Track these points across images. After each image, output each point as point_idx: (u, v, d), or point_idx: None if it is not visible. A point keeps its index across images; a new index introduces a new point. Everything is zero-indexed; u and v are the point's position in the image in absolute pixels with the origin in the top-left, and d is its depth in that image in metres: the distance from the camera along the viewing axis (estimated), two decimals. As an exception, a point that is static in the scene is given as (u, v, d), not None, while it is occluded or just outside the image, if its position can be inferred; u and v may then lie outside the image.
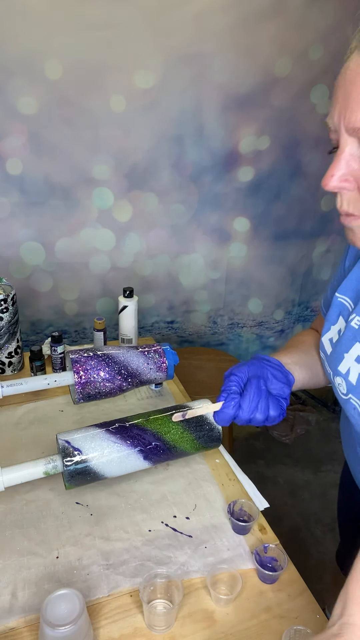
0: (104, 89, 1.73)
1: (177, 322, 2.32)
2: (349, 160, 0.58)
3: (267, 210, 2.14)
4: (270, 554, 0.85)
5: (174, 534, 0.91)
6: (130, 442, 0.90)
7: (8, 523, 0.92)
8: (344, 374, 0.72)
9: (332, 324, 0.78)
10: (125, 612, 0.78)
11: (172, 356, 1.10)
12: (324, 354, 0.79)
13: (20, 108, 1.70)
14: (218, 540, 0.90)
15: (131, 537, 0.90)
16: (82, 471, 0.87)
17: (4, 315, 1.28)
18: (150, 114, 1.81)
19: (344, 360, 0.72)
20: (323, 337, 0.80)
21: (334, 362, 0.75)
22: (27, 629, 0.75)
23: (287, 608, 0.80)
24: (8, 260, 1.95)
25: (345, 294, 0.77)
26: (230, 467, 1.07)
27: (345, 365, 0.72)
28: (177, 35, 1.70)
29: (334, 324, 0.78)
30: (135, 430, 0.91)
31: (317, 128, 2.02)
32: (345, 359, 0.72)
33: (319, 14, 1.78)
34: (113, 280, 2.10)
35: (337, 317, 0.78)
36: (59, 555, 0.86)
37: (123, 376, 1.05)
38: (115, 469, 0.90)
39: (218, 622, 0.77)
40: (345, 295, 0.77)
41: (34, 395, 1.27)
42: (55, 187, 1.86)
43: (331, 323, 0.79)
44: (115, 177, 1.90)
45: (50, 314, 2.11)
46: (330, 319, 0.79)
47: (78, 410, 1.24)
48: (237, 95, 1.86)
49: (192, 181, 1.99)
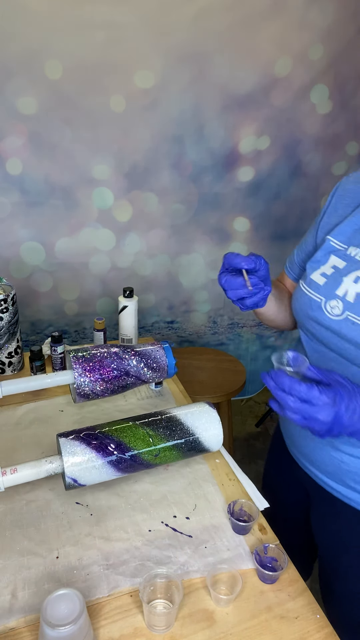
0: (104, 89, 1.73)
1: (177, 322, 2.32)
2: None
3: (267, 210, 2.14)
4: (270, 554, 0.85)
5: (174, 534, 0.91)
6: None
7: (8, 523, 0.92)
8: (341, 296, 0.85)
9: (322, 264, 0.91)
10: (125, 612, 0.78)
11: (172, 354, 1.11)
12: (314, 287, 0.90)
13: (20, 108, 1.70)
14: (218, 540, 0.90)
15: (131, 537, 0.90)
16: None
17: (4, 315, 1.28)
18: (150, 114, 1.81)
19: (342, 284, 0.85)
20: (312, 275, 0.92)
21: (330, 288, 0.87)
22: (27, 629, 0.75)
23: (287, 608, 0.80)
24: (8, 260, 1.95)
25: (336, 238, 0.91)
26: (230, 467, 1.07)
27: (343, 288, 0.85)
28: (177, 35, 1.70)
29: (324, 263, 0.91)
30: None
31: (317, 128, 2.02)
32: (344, 282, 0.85)
33: (319, 14, 1.78)
34: (113, 280, 2.10)
35: (327, 256, 0.91)
36: (59, 555, 0.86)
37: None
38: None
39: (218, 622, 0.77)
40: (336, 239, 0.91)
41: (34, 395, 1.27)
42: (55, 187, 1.86)
43: (321, 263, 0.91)
44: (115, 177, 1.90)
45: (50, 314, 2.11)
46: (320, 260, 0.92)
47: (78, 410, 1.24)
48: (237, 95, 1.86)
49: (192, 181, 1.99)
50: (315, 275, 0.91)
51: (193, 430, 0.97)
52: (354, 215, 0.90)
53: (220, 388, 1.94)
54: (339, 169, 2.14)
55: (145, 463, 0.94)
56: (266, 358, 2.52)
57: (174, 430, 0.96)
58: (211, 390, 1.93)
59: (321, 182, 2.14)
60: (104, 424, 0.96)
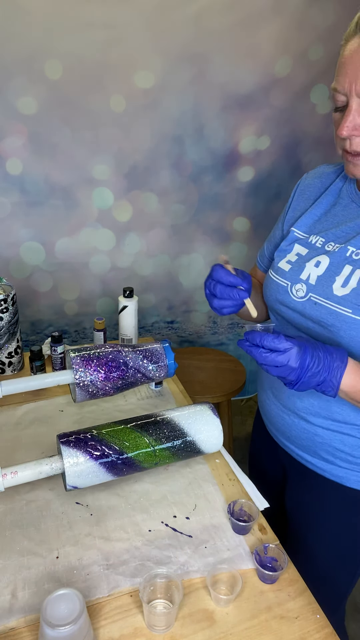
0: (104, 89, 1.73)
1: (177, 322, 2.32)
2: (356, 115, 0.79)
3: (267, 210, 2.14)
4: (270, 554, 0.85)
5: (174, 534, 0.91)
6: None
7: (8, 523, 0.92)
8: (304, 279, 0.93)
9: (287, 253, 0.99)
10: (125, 612, 0.78)
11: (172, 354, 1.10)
12: (280, 274, 0.98)
13: (20, 108, 1.70)
14: (218, 540, 0.90)
15: (131, 537, 0.90)
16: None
17: (4, 315, 1.28)
18: (150, 114, 1.81)
19: (305, 268, 0.94)
20: (279, 263, 0.99)
21: (295, 273, 0.95)
22: (27, 629, 0.75)
23: (287, 608, 0.80)
24: (8, 260, 1.94)
25: (299, 229, 1.00)
26: (230, 467, 1.07)
27: (306, 272, 0.93)
28: (177, 35, 1.70)
29: (290, 252, 0.99)
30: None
31: (317, 128, 2.02)
32: (306, 267, 0.93)
33: (319, 14, 1.78)
34: (113, 280, 2.10)
35: (292, 245, 0.99)
36: (59, 555, 0.86)
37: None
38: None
39: (218, 622, 0.77)
40: (299, 230, 1.00)
41: (34, 395, 1.27)
42: (55, 187, 1.86)
43: (287, 252, 0.99)
44: (115, 177, 1.90)
45: (50, 314, 2.11)
46: (285, 249, 1.00)
47: (78, 410, 1.23)
48: (237, 95, 1.86)
49: (192, 181, 1.99)
50: (282, 263, 0.99)
51: (192, 432, 0.97)
52: (314, 208, 1.00)
53: (220, 388, 1.94)
54: (339, 169, 2.14)
55: (140, 466, 0.94)
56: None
57: (170, 432, 0.96)
58: (211, 390, 1.93)
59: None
60: (101, 426, 0.96)
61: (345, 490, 0.98)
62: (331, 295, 0.88)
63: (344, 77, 0.78)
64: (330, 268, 0.90)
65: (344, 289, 0.87)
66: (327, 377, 0.79)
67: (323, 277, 0.91)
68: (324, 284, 0.90)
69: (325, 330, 0.90)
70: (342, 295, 0.87)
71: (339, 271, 0.89)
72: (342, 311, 0.86)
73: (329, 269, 0.90)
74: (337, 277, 0.89)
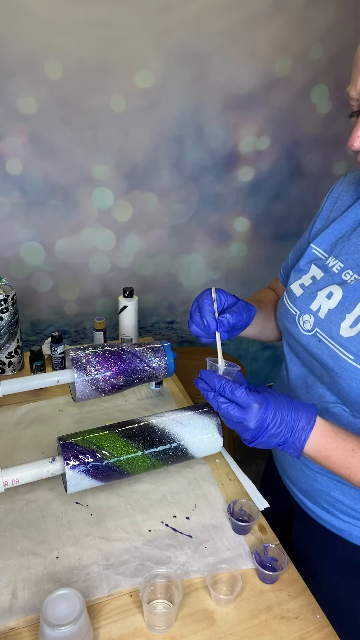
0: (104, 89, 1.73)
1: (177, 322, 2.32)
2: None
3: (267, 210, 2.14)
4: (270, 554, 0.85)
5: (174, 534, 0.91)
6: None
7: (8, 523, 0.92)
8: (314, 311, 0.82)
9: (303, 274, 0.88)
10: (125, 612, 0.78)
11: (171, 353, 1.11)
12: (291, 298, 0.88)
13: (20, 108, 1.70)
14: (218, 540, 0.90)
15: (131, 537, 0.90)
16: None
17: (4, 315, 1.28)
18: (150, 114, 1.81)
19: (316, 298, 0.82)
20: (292, 285, 0.89)
21: (305, 301, 0.84)
22: (27, 629, 0.75)
23: (287, 608, 0.80)
24: (8, 260, 1.95)
25: (319, 246, 0.88)
26: (230, 467, 1.07)
27: (317, 303, 0.82)
28: (177, 35, 1.70)
29: (306, 273, 0.88)
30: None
31: (317, 128, 2.02)
32: (318, 296, 0.82)
33: (319, 14, 1.78)
34: (113, 280, 2.10)
35: (309, 266, 0.88)
36: (59, 555, 0.86)
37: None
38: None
39: (218, 622, 0.77)
40: (319, 247, 0.88)
41: (34, 395, 1.27)
42: (55, 187, 1.86)
43: (302, 273, 0.89)
44: (115, 177, 1.90)
45: (50, 314, 2.11)
46: (302, 269, 0.89)
47: (78, 410, 1.23)
48: (237, 95, 1.86)
49: (192, 181, 1.99)
50: (295, 286, 0.88)
51: (187, 437, 0.96)
52: (339, 221, 0.86)
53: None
54: (339, 169, 2.14)
55: (129, 472, 0.93)
56: (266, 358, 2.52)
57: (160, 437, 0.94)
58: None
59: (321, 182, 2.14)
60: (84, 432, 0.94)
61: (350, 546, 0.86)
62: (336, 335, 0.77)
63: (356, 80, 0.69)
64: (343, 302, 0.78)
65: (351, 330, 0.75)
66: (290, 439, 0.69)
67: (333, 312, 0.79)
68: (333, 319, 0.79)
69: (326, 374, 0.80)
70: (348, 336, 0.75)
71: (351, 308, 0.77)
72: (344, 356, 0.75)
73: (342, 303, 0.78)
74: (347, 315, 0.77)
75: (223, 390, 0.70)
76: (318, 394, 0.85)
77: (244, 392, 0.68)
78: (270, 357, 2.53)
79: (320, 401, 0.84)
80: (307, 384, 0.88)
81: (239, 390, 0.69)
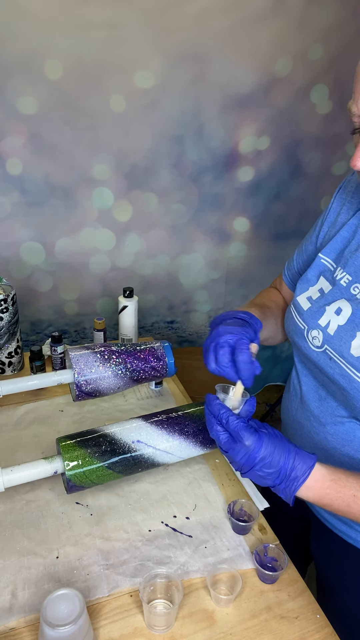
0: (104, 89, 1.73)
1: (177, 322, 2.32)
2: None
3: (267, 210, 2.14)
4: (270, 554, 0.85)
5: (174, 534, 0.91)
6: None
7: (8, 523, 0.92)
8: (323, 326, 0.79)
9: (311, 285, 0.85)
10: (125, 612, 0.78)
11: (172, 353, 1.11)
12: (298, 311, 0.86)
13: (20, 108, 1.70)
14: (218, 540, 0.90)
15: (131, 537, 0.90)
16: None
17: (4, 315, 1.28)
18: (150, 114, 1.81)
19: (325, 313, 0.80)
20: (299, 297, 0.87)
21: (313, 316, 0.82)
22: (27, 629, 0.75)
23: (287, 608, 0.80)
24: (8, 260, 1.94)
25: (328, 256, 0.85)
26: (230, 467, 1.07)
27: (325, 318, 0.79)
28: (177, 35, 1.70)
29: (313, 284, 0.85)
30: None
31: (317, 128, 2.02)
32: (327, 311, 0.79)
33: (319, 14, 1.78)
34: (113, 280, 2.10)
35: (317, 277, 0.85)
36: (59, 555, 0.86)
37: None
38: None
39: (218, 622, 0.77)
40: (328, 257, 0.85)
41: (34, 395, 1.27)
42: (55, 187, 1.86)
43: (310, 284, 0.86)
44: (115, 177, 1.90)
45: (50, 314, 2.11)
46: (310, 280, 0.86)
47: (78, 410, 1.23)
48: (237, 95, 1.86)
49: (192, 181, 1.99)
50: (302, 298, 0.87)
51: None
52: (345, 228, 0.84)
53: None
54: (339, 169, 2.14)
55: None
56: (266, 358, 2.52)
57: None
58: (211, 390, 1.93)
59: (321, 182, 2.14)
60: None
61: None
62: (347, 354, 0.75)
63: (357, 96, 0.68)
64: (353, 319, 0.76)
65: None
66: (280, 485, 0.68)
67: (343, 329, 0.77)
68: (343, 337, 0.76)
69: (339, 392, 0.78)
70: (359, 356, 0.73)
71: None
72: (355, 376, 0.73)
73: (352, 320, 0.76)
74: (358, 333, 0.75)
75: (220, 418, 0.71)
76: (332, 407, 0.84)
77: (239, 425, 0.69)
78: (271, 357, 2.53)
79: (335, 415, 0.83)
80: (320, 396, 0.87)
81: (234, 422, 0.69)
